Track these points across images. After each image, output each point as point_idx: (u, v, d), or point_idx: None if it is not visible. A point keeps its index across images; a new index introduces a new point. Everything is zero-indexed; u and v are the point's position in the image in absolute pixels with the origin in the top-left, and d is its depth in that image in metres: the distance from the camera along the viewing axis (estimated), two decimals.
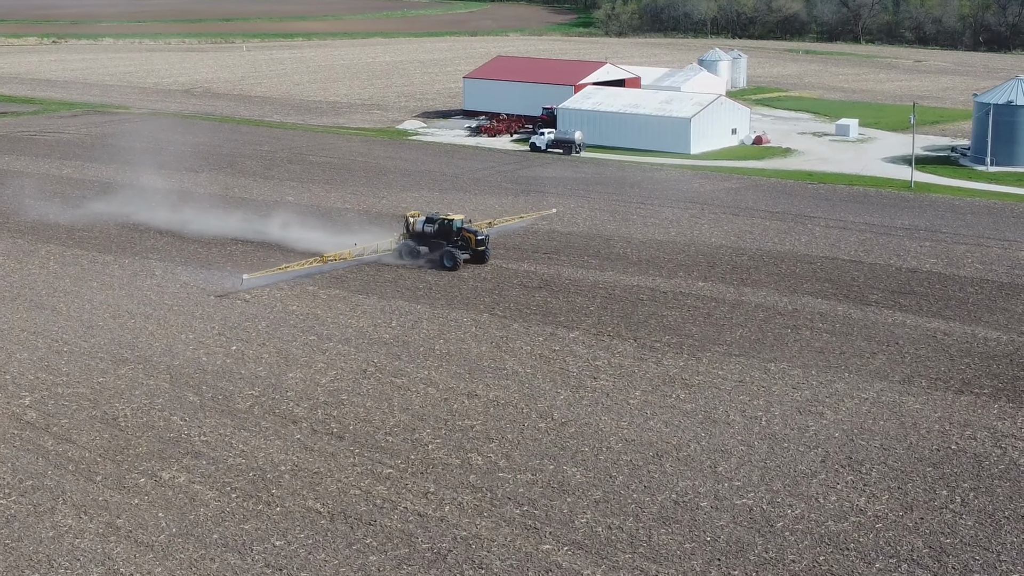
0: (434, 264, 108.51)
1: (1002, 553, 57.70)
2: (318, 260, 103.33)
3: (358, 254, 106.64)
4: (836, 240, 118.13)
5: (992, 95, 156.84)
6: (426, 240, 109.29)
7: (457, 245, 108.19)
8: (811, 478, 65.93)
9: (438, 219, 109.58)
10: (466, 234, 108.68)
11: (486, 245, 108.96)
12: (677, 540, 59.22)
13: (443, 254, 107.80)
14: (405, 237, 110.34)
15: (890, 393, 78.22)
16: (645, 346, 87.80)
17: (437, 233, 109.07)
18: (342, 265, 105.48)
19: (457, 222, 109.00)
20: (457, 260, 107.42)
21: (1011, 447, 69.77)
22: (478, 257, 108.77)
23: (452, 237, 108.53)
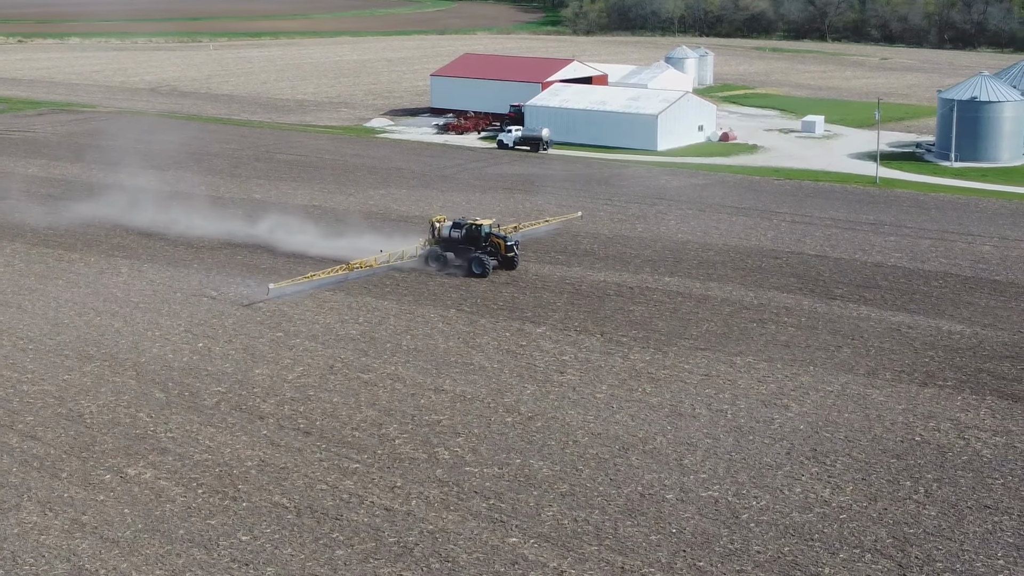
0: (462, 271, 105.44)
1: (965, 543, 58.14)
2: (344, 268, 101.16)
3: (384, 261, 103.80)
4: (802, 235, 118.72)
5: (956, 91, 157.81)
6: (453, 246, 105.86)
7: (486, 251, 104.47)
8: (776, 470, 66.23)
9: (465, 224, 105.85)
10: (495, 240, 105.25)
11: (516, 251, 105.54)
12: (643, 532, 59.44)
13: (472, 260, 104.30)
14: (431, 243, 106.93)
15: (855, 386, 78.64)
16: (612, 341, 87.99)
17: (465, 239, 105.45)
18: (368, 272, 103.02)
19: (486, 227, 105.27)
20: (487, 267, 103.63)
21: (974, 438, 70.29)
22: (508, 263, 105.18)
23: (481, 243, 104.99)
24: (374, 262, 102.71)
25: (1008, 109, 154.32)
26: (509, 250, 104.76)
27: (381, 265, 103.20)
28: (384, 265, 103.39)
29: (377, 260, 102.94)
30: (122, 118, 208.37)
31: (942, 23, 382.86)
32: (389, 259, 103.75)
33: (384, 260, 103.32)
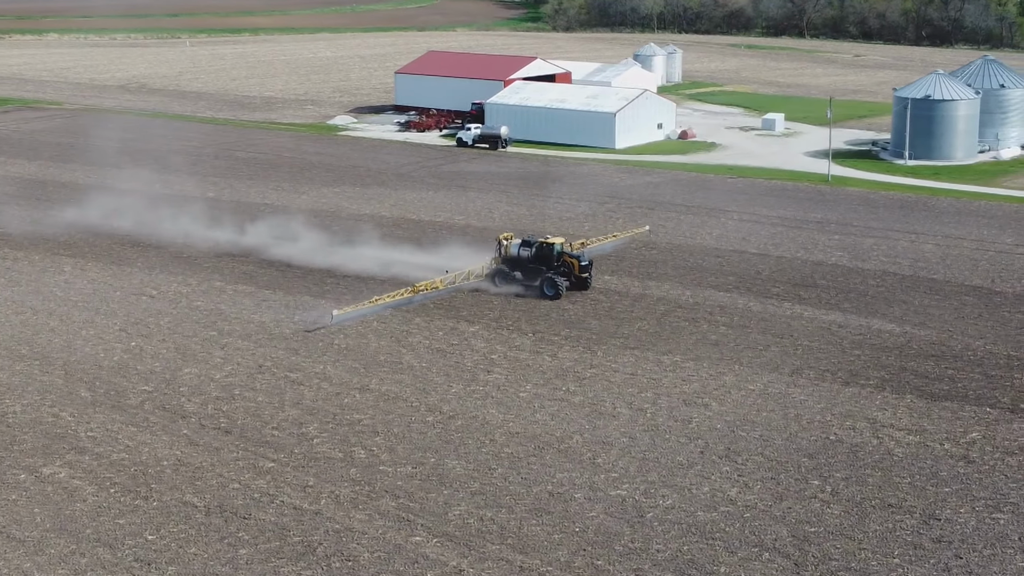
0: (532, 292, 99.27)
1: (864, 541, 58.69)
2: (409, 291, 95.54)
3: (450, 282, 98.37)
4: (747, 234, 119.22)
5: (910, 89, 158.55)
6: (521, 265, 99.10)
7: (559, 271, 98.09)
8: (688, 469, 66.78)
9: (535, 242, 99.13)
10: (568, 259, 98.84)
11: (590, 271, 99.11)
12: (546, 531, 59.85)
13: (544, 282, 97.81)
14: (498, 262, 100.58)
15: (778, 385, 79.21)
16: (544, 340, 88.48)
17: (535, 258, 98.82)
18: (435, 295, 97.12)
19: (558, 245, 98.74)
20: (559, 288, 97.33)
21: (887, 437, 70.85)
22: (581, 284, 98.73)
23: (552, 263, 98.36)
24: (440, 283, 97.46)
25: (962, 107, 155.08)
26: (583, 270, 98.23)
27: (447, 286, 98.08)
28: (450, 286, 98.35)
29: (443, 281, 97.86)
30: (87, 116, 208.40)
31: (919, 20, 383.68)
32: (455, 279, 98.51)
33: (450, 281, 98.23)
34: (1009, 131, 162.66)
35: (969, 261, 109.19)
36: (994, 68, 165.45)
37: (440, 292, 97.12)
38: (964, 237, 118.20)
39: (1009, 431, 71.48)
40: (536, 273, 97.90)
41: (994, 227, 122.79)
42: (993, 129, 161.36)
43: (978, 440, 70.44)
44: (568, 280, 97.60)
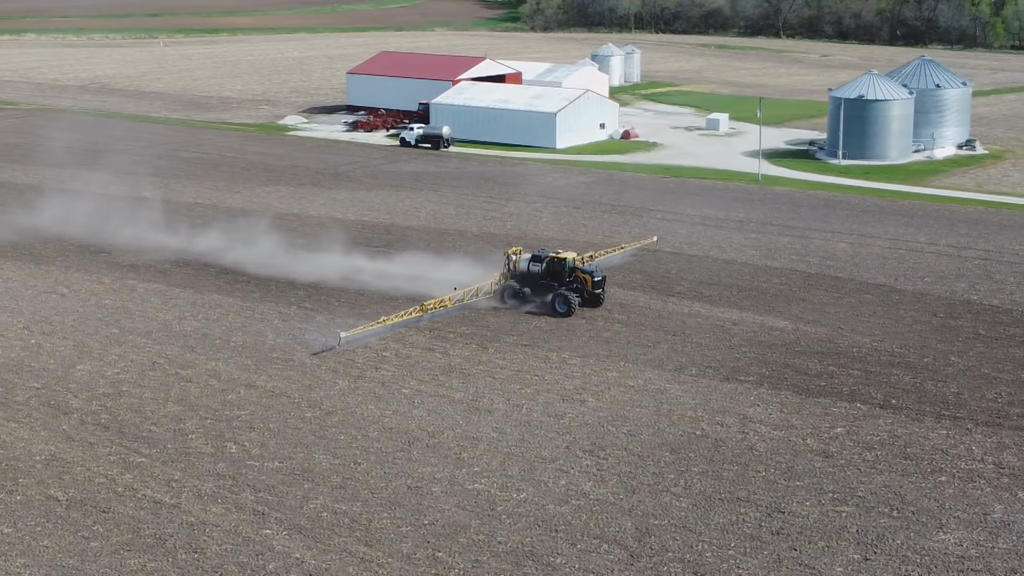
0: (543, 309, 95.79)
1: (704, 533, 59.84)
2: (418, 310, 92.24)
3: (459, 299, 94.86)
4: (665, 232, 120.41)
5: (845, 90, 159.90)
6: (532, 281, 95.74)
7: (571, 287, 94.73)
8: (549, 464, 67.86)
9: (546, 257, 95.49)
10: (580, 275, 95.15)
11: (603, 287, 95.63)
12: (396, 524, 60.95)
13: (556, 298, 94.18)
14: (506, 277, 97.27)
15: (658, 381, 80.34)
16: (439, 336, 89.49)
17: (545, 273, 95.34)
18: (443, 313, 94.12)
19: (570, 261, 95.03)
20: (572, 305, 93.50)
21: (753, 432, 71.97)
22: (593, 300, 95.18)
23: (564, 278, 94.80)
24: (449, 301, 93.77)
25: (896, 108, 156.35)
26: (596, 286, 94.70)
27: (456, 304, 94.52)
28: (459, 304, 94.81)
29: (452, 299, 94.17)
30: (39, 116, 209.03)
31: (894, 19, 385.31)
32: (464, 297, 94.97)
33: (459, 298, 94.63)
34: (945, 131, 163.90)
35: (878, 259, 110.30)
36: (931, 68, 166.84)
37: (449, 310, 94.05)
38: (879, 236, 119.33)
39: (874, 427, 72.52)
40: (547, 289, 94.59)
41: (911, 226, 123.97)
42: (929, 129, 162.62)
43: (841, 435, 71.54)
44: (580, 296, 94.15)
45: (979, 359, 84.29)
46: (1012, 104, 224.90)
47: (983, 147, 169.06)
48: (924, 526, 60.59)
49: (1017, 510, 62.24)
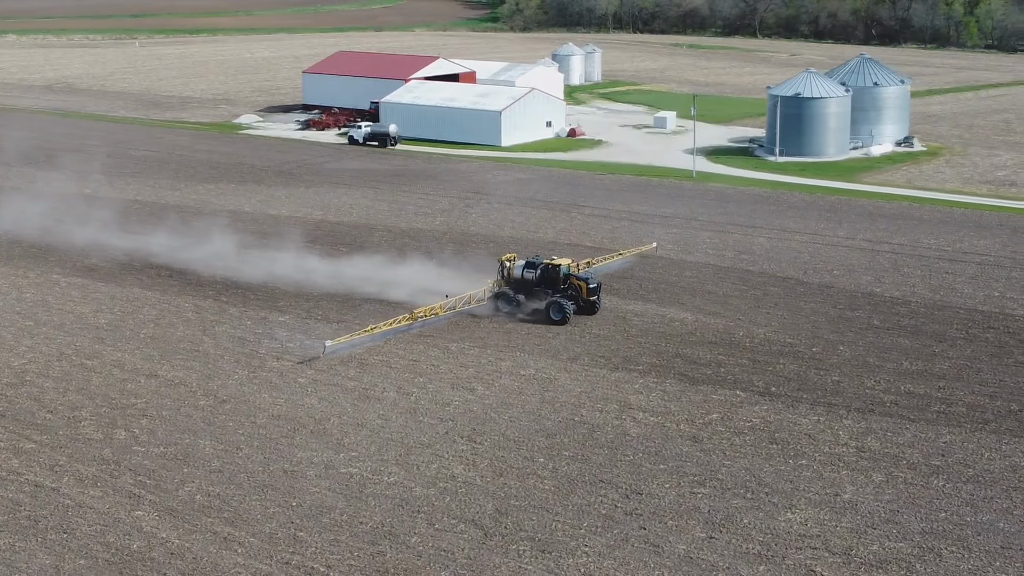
0: (537, 317, 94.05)
1: (560, 513, 61.88)
2: (407, 318, 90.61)
3: (450, 307, 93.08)
4: (590, 228, 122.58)
5: (782, 88, 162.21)
6: (526, 288, 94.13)
7: (566, 294, 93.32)
8: (425, 448, 69.96)
9: (540, 264, 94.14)
10: (576, 282, 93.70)
11: (599, 294, 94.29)
12: (264, 505, 62.99)
13: (550, 305, 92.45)
14: (500, 284, 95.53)
15: (550, 370, 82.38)
16: (347, 329, 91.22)
17: (540, 280, 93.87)
18: (434, 321, 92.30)
19: (564, 267, 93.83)
20: (567, 313, 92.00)
21: (630, 418, 74.08)
22: (589, 308, 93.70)
23: (558, 285, 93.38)
24: (440, 309, 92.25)
25: (832, 105, 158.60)
26: (592, 293, 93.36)
27: (448, 312, 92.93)
28: (450, 311, 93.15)
29: (443, 307, 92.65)
30: None
31: (868, 19, 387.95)
32: (456, 304, 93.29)
33: (450, 306, 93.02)
34: (884, 128, 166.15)
35: (793, 253, 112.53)
36: (870, 66, 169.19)
37: (439, 318, 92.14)
38: (800, 231, 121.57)
39: (749, 413, 74.72)
40: (541, 297, 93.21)
41: (833, 221, 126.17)
42: (868, 126, 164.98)
43: (714, 421, 73.68)
44: (575, 304, 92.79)
45: (866, 349, 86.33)
46: (967, 102, 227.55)
47: (922, 144, 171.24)
48: (774, 506, 62.59)
49: (867, 491, 64.26)
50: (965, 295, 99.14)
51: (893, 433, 72.04)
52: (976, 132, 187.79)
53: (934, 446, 69.93)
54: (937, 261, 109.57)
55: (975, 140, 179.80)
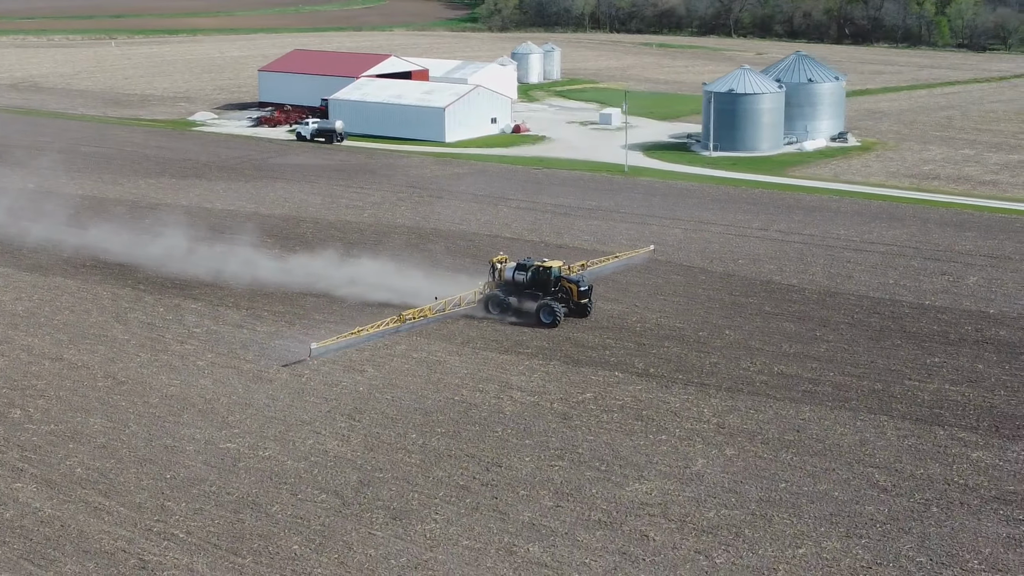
0: (528, 320, 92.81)
1: (420, 484, 65.22)
2: (395, 320, 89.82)
3: (439, 309, 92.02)
4: (511, 220, 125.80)
5: (716, 84, 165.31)
6: (517, 290, 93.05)
7: (557, 297, 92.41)
8: (305, 426, 73.09)
9: (531, 266, 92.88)
10: (566, 284, 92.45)
11: (590, 296, 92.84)
12: (138, 478, 66.13)
13: (540, 308, 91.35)
14: (491, 286, 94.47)
15: (441, 353, 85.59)
16: (253, 315, 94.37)
17: (531, 282, 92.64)
18: (423, 322, 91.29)
19: (555, 270, 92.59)
20: (557, 316, 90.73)
21: (508, 397, 77.31)
22: (580, 311, 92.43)
23: (549, 287, 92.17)
24: (429, 311, 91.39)
25: (766, 101, 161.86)
26: (583, 295, 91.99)
27: (437, 314, 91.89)
28: (440, 314, 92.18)
29: (432, 309, 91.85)
30: None
31: (841, 18, 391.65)
32: (445, 307, 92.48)
33: (439, 308, 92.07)
34: (819, 124, 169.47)
35: (703, 243, 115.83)
36: (805, 63, 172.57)
37: (429, 320, 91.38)
38: (717, 222, 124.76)
39: (622, 392, 77.99)
40: (532, 299, 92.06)
41: (751, 213, 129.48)
42: (803, 122, 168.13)
43: (587, 400, 76.86)
44: (566, 306, 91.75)
45: (751, 333, 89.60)
46: (918, 99, 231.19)
47: (856, 139, 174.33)
48: (624, 478, 65.81)
49: (717, 464, 67.52)
50: (860, 282, 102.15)
51: (755, 411, 74.84)
52: (915, 128, 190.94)
53: (792, 423, 72.84)
54: (843, 251, 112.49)
55: (912, 136, 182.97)
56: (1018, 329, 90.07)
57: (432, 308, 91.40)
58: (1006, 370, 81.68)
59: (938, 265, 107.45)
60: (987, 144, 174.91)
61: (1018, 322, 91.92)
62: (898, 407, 75.35)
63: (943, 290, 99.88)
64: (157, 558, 57.15)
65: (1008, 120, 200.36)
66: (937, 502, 63.02)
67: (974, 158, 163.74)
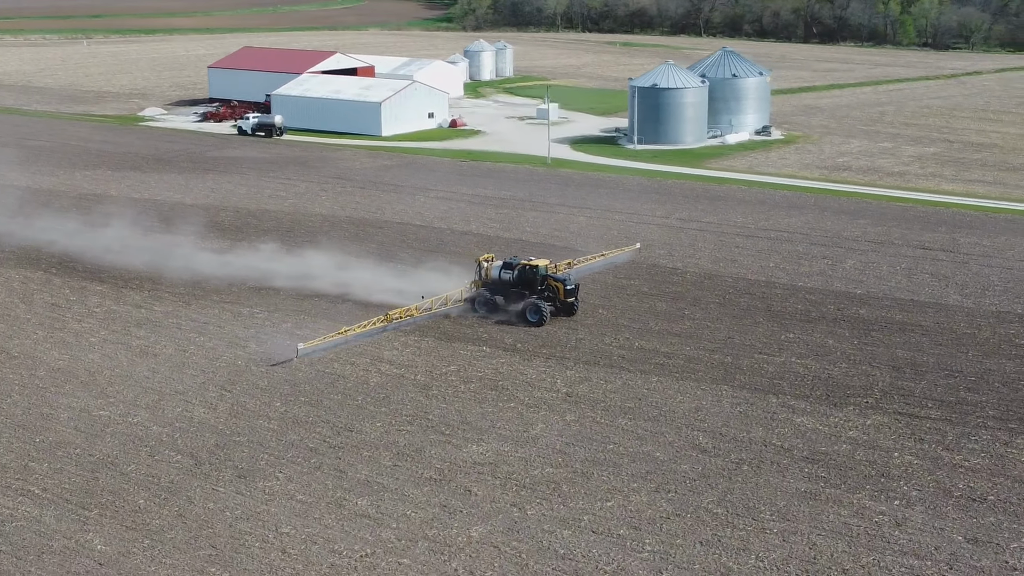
0: (515, 317, 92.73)
1: (270, 446, 69.88)
2: (382, 320, 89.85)
3: (426, 308, 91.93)
4: (427, 210, 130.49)
5: (641, 79, 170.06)
6: (503, 289, 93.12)
7: (543, 296, 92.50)
8: (178, 395, 77.67)
9: (517, 264, 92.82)
10: (552, 283, 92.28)
11: (576, 295, 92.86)
12: (9, 441, 71.00)
13: (527, 307, 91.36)
14: (478, 285, 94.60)
15: (324, 330, 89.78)
16: (154, 296, 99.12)
17: (517, 281, 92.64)
18: (410, 322, 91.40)
19: (542, 268, 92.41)
20: (544, 314, 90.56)
21: (376, 371, 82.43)
22: (567, 309, 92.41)
23: (536, 286, 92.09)
24: (415, 310, 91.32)
25: (689, 95, 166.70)
26: (569, 294, 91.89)
27: (423, 313, 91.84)
28: (426, 313, 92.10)
29: (419, 308, 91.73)
30: None
31: (808, 18, 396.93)
32: (432, 306, 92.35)
33: (426, 307, 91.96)
34: (744, 118, 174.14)
35: (603, 230, 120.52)
36: (731, 59, 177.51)
37: (415, 319, 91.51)
38: (623, 211, 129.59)
39: (484, 365, 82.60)
40: (519, 298, 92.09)
41: (657, 202, 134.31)
42: (728, 116, 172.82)
43: (450, 372, 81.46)
44: (553, 305, 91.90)
45: (621, 311, 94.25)
46: (860, 95, 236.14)
47: (781, 133, 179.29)
48: (464, 440, 70.48)
49: (554, 429, 72.14)
50: (742, 266, 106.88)
51: (606, 382, 79.40)
52: (844, 122, 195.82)
53: (636, 392, 77.50)
54: (734, 237, 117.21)
55: (839, 130, 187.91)
56: (878, 308, 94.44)
57: (419, 308, 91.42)
58: (854, 345, 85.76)
59: (822, 250, 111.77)
60: (908, 138, 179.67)
61: (881, 302, 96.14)
62: (741, 378, 79.57)
63: (819, 273, 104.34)
64: (9, 511, 61.58)
65: (938, 115, 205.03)
66: (750, 462, 67.13)
67: (891, 151, 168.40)
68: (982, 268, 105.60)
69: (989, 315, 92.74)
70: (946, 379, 79.07)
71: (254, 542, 58.38)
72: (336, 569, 55.71)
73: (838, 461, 67.06)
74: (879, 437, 70.19)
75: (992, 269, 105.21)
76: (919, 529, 59.13)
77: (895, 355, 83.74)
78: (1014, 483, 64.33)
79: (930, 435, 70.38)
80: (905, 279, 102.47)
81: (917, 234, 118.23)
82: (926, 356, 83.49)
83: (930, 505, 61.76)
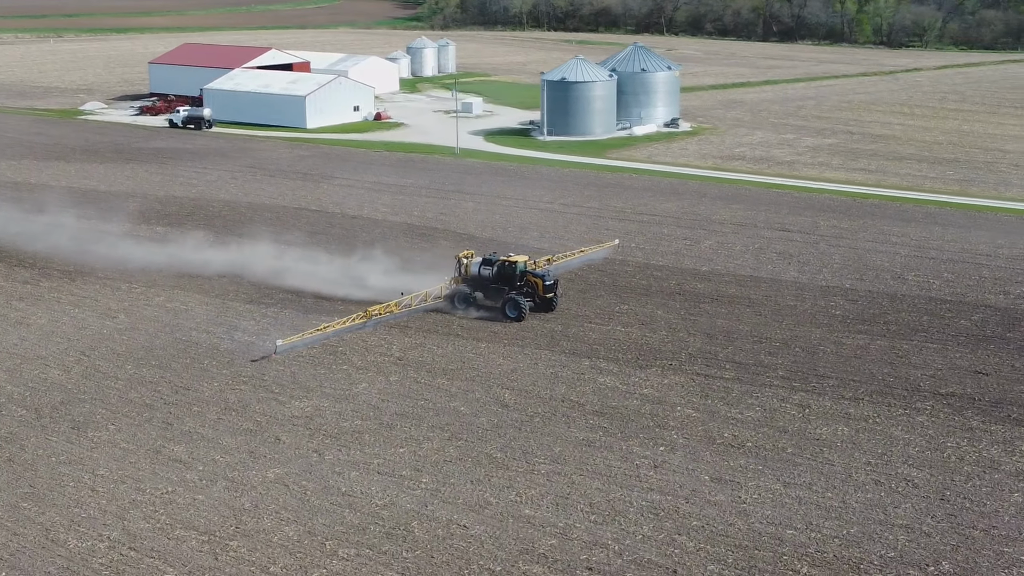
0: (495, 314, 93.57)
1: (112, 404, 76.08)
2: (361, 316, 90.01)
3: (405, 305, 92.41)
4: (325, 196, 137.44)
5: (551, 73, 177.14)
6: (483, 285, 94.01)
7: (522, 292, 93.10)
8: (39, 360, 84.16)
9: (496, 261, 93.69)
10: (531, 279, 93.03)
11: (555, 291, 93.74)
12: None
13: (506, 303, 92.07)
14: (457, 282, 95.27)
15: (194, 304, 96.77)
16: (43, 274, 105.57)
17: (496, 277, 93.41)
18: (390, 318, 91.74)
19: (520, 264, 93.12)
20: (522, 310, 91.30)
21: (230, 338, 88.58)
22: (545, 305, 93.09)
23: (515, 282, 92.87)
24: (395, 307, 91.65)
25: (597, 89, 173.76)
26: (548, 290, 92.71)
27: (403, 309, 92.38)
28: (406, 309, 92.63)
29: (398, 304, 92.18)
30: None
31: (767, 16, 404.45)
32: (411, 302, 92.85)
33: (405, 304, 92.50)
34: (653, 111, 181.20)
35: (486, 215, 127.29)
36: (641, 54, 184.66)
37: (395, 315, 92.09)
38: (511, 197, 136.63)
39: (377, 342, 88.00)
40: (498, 294, 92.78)
41: (547, 188, 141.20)
42: (637, 109, 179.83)
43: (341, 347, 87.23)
44: (532, 301, 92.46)
45: None
46: (789, 90, 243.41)
47: (689, 126, 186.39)
48: (290, 398, 77.12)
49: (375, 388, 78.78)
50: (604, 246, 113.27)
51: (438, 347, 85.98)
52: (758, 116, 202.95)
53: (462, 356, 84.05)
54: (608, 220, 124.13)
55: (751, 122, 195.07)
56: (717, 283, 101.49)
57: (398, 304, 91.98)
58: (680, 316, 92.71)
59: (685, 232, 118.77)
60: (812, 130, 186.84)
61: (722, 278, 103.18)
62: (564, 344, 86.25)
63: (674, 252, 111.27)
64: None
65: (854, 110, 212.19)
66: (543, 415, 73.86)
67: (790, 142, 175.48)
68: (829, 248, 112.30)
69: (816, 289, 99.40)
70: (752, 345, 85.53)
71: (69, 482, 64.78)
72: (136, 504, 62.22)
73: (624, 414, 73.48)
74: (670, 394, 76.63)
75: (838, 249, 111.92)
76: (673, 470, 65.75)
77: (714, 324, 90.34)
78: (775, 432, 70.73)
79: (716, 392, 76.89)
80: (752, 258, 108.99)
81: (782, 217, 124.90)
82: (742, 325, 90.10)
83: (692, 451, 68.34)
